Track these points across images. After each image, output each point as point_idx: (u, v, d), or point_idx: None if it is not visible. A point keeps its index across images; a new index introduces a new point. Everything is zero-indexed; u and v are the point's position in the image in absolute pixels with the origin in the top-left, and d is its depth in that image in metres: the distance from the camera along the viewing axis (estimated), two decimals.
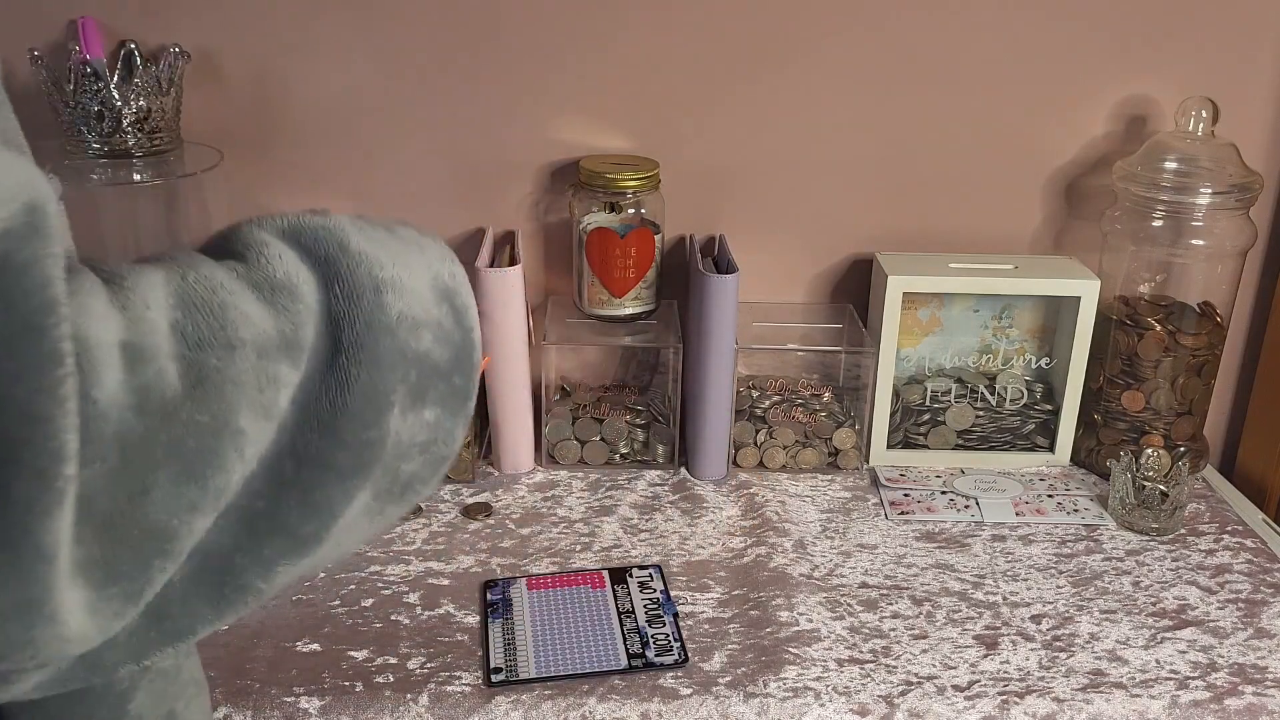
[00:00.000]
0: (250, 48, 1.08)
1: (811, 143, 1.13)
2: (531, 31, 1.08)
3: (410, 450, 0.48)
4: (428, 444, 0.49)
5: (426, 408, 0.48)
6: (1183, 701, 0.79)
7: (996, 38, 1.10)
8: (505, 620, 0.86)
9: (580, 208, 1.08)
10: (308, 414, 0.44)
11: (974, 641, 0.85)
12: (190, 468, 0.39)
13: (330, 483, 0.44)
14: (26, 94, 1.08)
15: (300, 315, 0.43)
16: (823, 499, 1.06)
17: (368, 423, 0.45)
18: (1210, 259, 1.06)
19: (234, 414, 0.40)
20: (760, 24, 1.09)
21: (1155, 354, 1.07)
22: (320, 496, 0.44)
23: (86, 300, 0.37)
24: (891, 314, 1.08)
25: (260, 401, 0.42)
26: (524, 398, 1.07)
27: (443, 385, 0.49)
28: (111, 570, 0.38)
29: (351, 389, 0.44)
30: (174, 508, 0.39)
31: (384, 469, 0.47)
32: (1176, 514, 1.01)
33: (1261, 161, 1.14)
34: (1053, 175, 1.15)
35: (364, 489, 0.46)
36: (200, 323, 0.40)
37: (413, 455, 0.48)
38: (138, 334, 0.38)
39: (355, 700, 0.77)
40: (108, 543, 0.37)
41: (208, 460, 0.40)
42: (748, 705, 0.78)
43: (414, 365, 0.47)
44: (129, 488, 0.38)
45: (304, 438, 0.44)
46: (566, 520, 1.02)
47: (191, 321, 0.40)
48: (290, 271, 0.44)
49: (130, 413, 0.37)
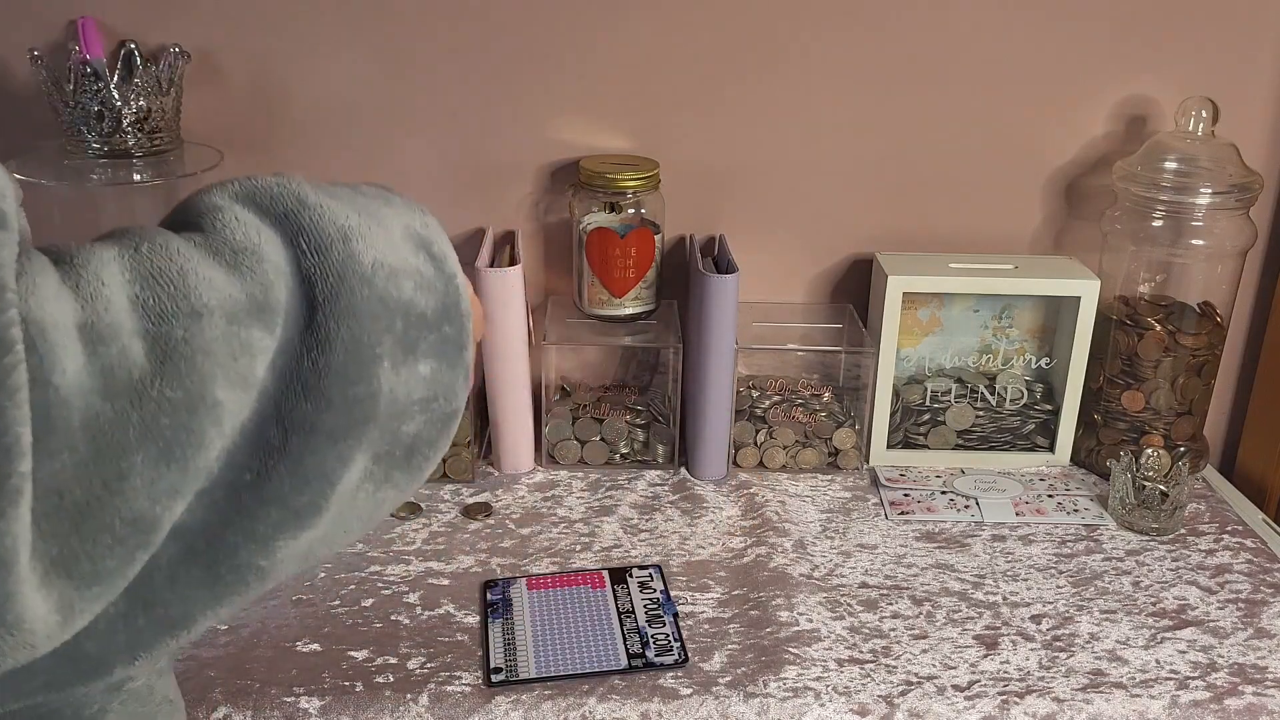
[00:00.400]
0: (250, 48, 1.08)
1: (811, 143, 1.13)
2: (531, 31, 1.08)
3: (409, 409, 0.46)
4: (428, 401, 0.47)
5: (420, 361, 0.46)
6: (1183, 701, 0.79)
7: (996, 38, 1.10)
8: (505, 620, 0.86)
9: (580, 208, 1.08)
10: (290, 378, 0.42)
11: (974, 641, 0.85)
12: (168, 449, 0.37)
13: (321, 448, 0.42)
14: (26, 94, 1.08)
15: (268, 276, 0.41)
16: (823, 499, 1.06)
17: (354, 379, 0.43)
18: (1210, 259, 1.06)
19: (208, 386, 0.38)
20: (760, 24, 1.09)
21: (1155, 354, 1.07)
22: (312, 463, 0.42)
23: (37, 282, 0.35)
24: (891, 314, 1.08)
25: (235, 370, 0.39)
26: (524, 398, 1.07)
27: (433, 336, 0.47)
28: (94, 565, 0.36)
29: (332, 345, 0.42)
30: (154, 493, 0.37)
31: (381, 430, 0.45)
32: (1176, 514, 1.01)
33: (1261, 161, 1.14)
34: (1053, 175, 1.15)
35: (359, 452, 0.44)
36: (161, 294, 0.38)
37: (412, 414, 0.46)
38: (95, 313, 0.36)
39: (355, 700, 0.77)
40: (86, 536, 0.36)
41: (185, 439, 0.38)
42: (748, 705, 0.78)
43: (398, 315, 0.45)
44: (103, 475, 0.36)
45: (288, 403, 0.41)
46: (566, 520, 1.02)
47: (151, 294, 0.38)
48: (250, 233, 0.42)
49: (96, 396, 0.35)
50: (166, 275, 0.39)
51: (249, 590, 0.43)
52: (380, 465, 0.46)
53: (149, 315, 0.38)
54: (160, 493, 0.38)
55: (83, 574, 0.36)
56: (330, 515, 0.44)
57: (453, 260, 0.49)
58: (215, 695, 0.77)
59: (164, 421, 0.37)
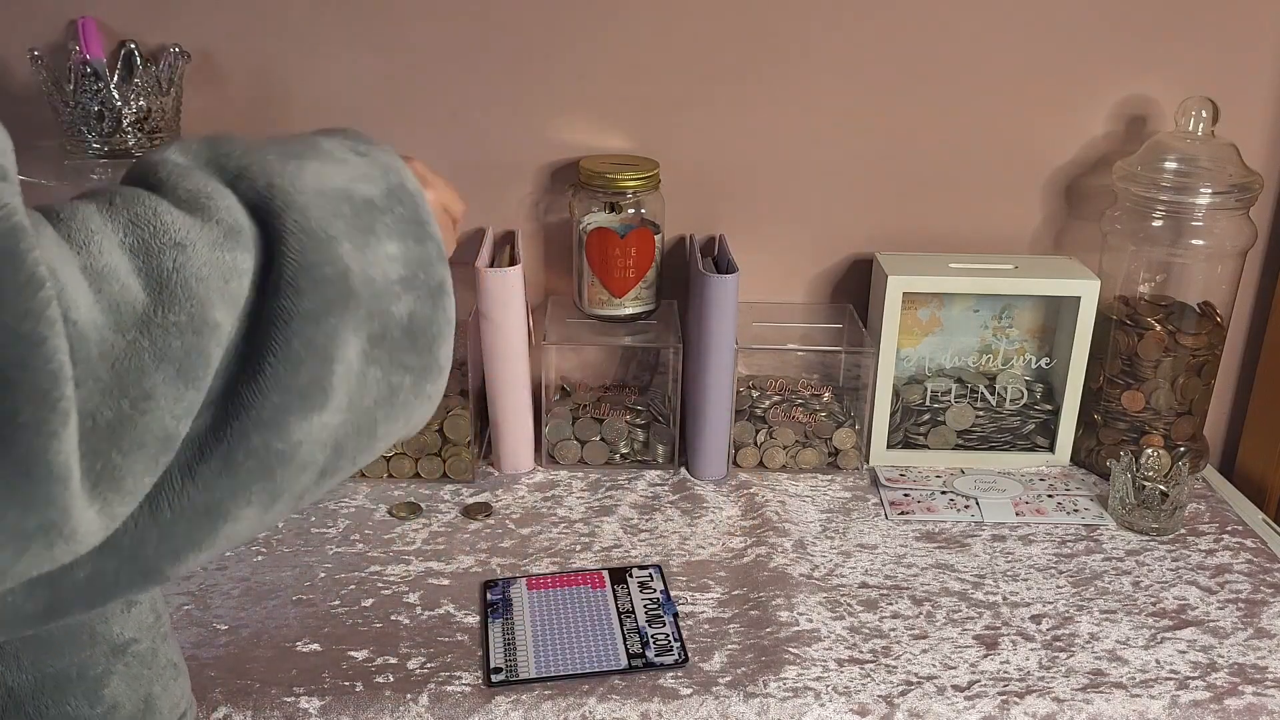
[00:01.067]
0: (250, 48, 1.08)
1: (812, 142, 1.13)
2: (532, 31, 1.08)
3: (389, 288, 0.48)
4: (407, 279, 0.50)
5: (384, 242, 0.49)
6: (1183, 701, 0.79)
7: (996, 38, 1.10)
8: (505, 620, 0.86)
9: (580, 208, 1.08)
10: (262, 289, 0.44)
11: (974, 641, 0.85)
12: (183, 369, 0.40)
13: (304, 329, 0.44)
14: (26, 94, 1.08)
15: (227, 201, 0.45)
16: (823, 499, 1.06)
17: (316, 263, 0.45)
18: (1210, 259, 1.06)
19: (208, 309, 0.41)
20: (761, 24, 1.09)
21: (1155, 354, 1.07)
22: (299, 345, 0.44)
23: (43, 232, 0.38)
24: (891, 314, 1.08)
25: (228, 292, 0.42)
26: (524, 398, 1.07)
27: (388, 217, 0.50)
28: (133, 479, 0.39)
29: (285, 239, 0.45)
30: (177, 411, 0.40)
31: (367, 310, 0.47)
32: (1176, 514, 1.01)
33: (1261, 161, 1.14)
34: (1053, 175, 1.15)
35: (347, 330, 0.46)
36: (143, 234, 0.41)
37: (395, 293, 0.49)
38: (91, 257, 0.39)
39: (355, 700, 0.77)
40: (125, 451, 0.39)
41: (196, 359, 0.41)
42: (748, 705, 0.78)
43: (342, 201, 0.48)
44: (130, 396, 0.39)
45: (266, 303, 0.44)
46: (566, 520, 1.02)
47: (135, 237, 0.41)
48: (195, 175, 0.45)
49: (109, 330, 0.38)
50: (143, 218, 0.42)
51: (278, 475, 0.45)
52: (381, 348, 0.48)
53: (138, 254, 0.41)
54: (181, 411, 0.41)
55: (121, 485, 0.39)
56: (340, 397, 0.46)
57: (383, 149, 0.53)
58: (215, 695, 0.77)
59: (175, 344, 0.40)
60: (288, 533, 0.98)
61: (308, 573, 0.92)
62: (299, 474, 0.45)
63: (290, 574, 0.92)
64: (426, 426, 1.06)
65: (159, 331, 0.40)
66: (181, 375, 0.40)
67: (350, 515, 1.01)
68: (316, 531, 0.98)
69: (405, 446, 1.06)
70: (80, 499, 0.37)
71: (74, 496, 0.37)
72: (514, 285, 1.03)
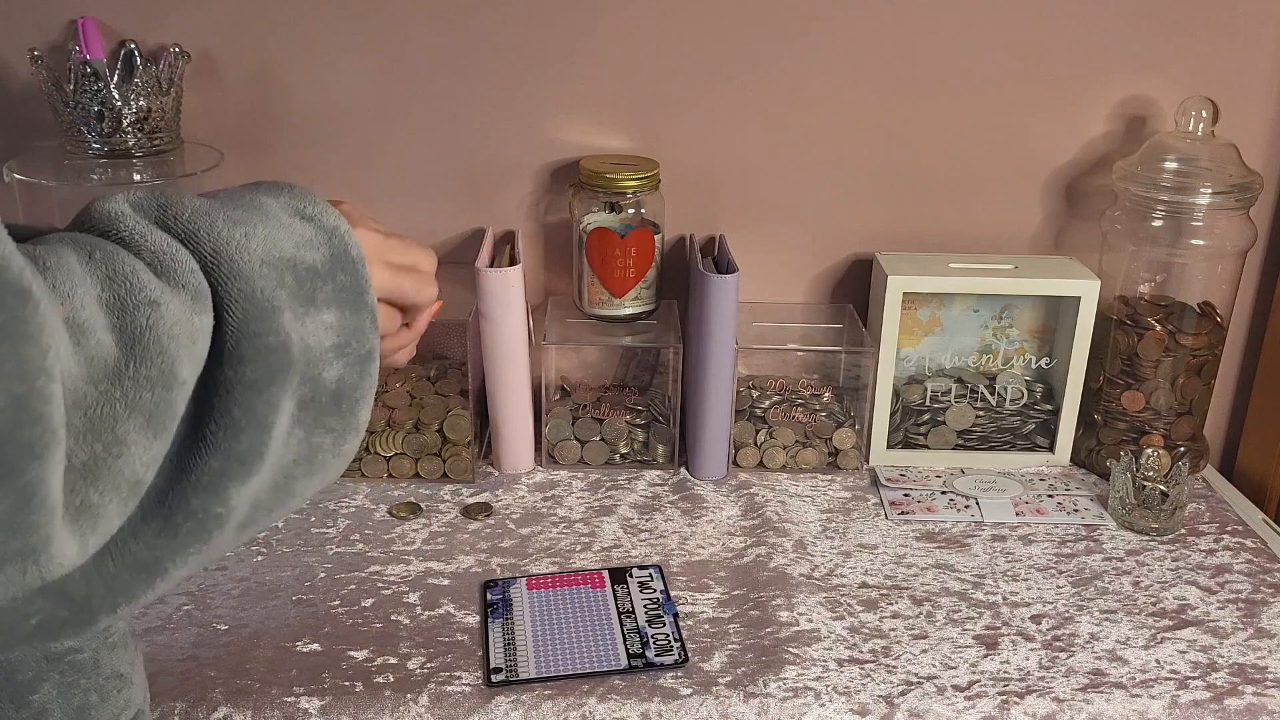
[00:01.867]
0: (250, 48, 1.08)
1: (812, 142, 1.13)
2: (531, 32, 1.08)
3: (323, 356, 0.50)
4: (340, 346, 0.51)
5: (322, 310, 0.50)
6: (1183, 701, 0.79)
7: (996, 37, 1.10)
8: (505, 620, 0.86)
9: (580, 208, 1.08)
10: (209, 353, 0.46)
11: (974, 641, 0.85)
12: (152, 419, 0.42)
13: (246, 398, 0.46)
14: (27, 94, 1.08)
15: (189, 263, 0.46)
16: (823, 499, 1.06)
17: (259, 331, 0.47)
18: (1210, 259, 1.06)
19: (176, 366, 0.43)
20: (760, 24, 1.09)
21: (1155, 354, 1.07)
22: (240, 413, 0.46)
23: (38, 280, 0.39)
24: (891, 314, 1.08)
25: (194, 353, 0.44)
26: (524, 398, 1.07)
27: (329, 286, 0.51)
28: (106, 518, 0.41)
29: (230, 307, 0.46)
30: (145, 459, 0.42)
31: (301, 377, 0.49)
32: (1176, 514, 1.01)
33: (1261, 161, 1.14)
34: (1053, 175, 1.15)
35: (285, 397, 0.48)
36: (120, 292, 0.42)
37: (328, 360, 0.50)
38: (73, 309, 0.41)
39: (355, 700, 0.77)
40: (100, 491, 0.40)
41: (165, 411, 0.42)
42: (748, 705, 0.78)
43: (286, 270, 0.49)
44: (104, 439, 0.40)
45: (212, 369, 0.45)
46: (566, 520, 1.02)
47: (111, 291, 0.42)
48: (154, 234, 0.46)
49: (83, 381, 0.40)
50: (120, 275, 0.43)
51: (214, 537, 0.47)
52: (307, 411, 0.50)
53: (113, 310, 0.42)
54: (149, 460, 0.42)
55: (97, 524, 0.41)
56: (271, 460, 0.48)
57: (331, 215, 0.54)
58: (215, 695, 0.77)
59: (145, 396, 0.42)
60: (288, 533, 0.98)
61: (308, 573, 0.92)
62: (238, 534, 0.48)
63: (290, 574, 0.92)
64: (427, 427, 1.06)
65: (130, 384, 0.41)
66: (150, 426, 0.42)
67: (350, 515, 1.01)
68: (316, 531, 0.98)
69: (405, 446, 1.06)
70: (61, 527, 0.39)
71: (59, 526, 0.38)
72: (514, 285, 1.03)
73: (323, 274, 0.51)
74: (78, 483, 0.39)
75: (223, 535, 0.47)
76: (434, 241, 1.15)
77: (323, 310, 0.50)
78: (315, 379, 0.50)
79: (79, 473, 0.39)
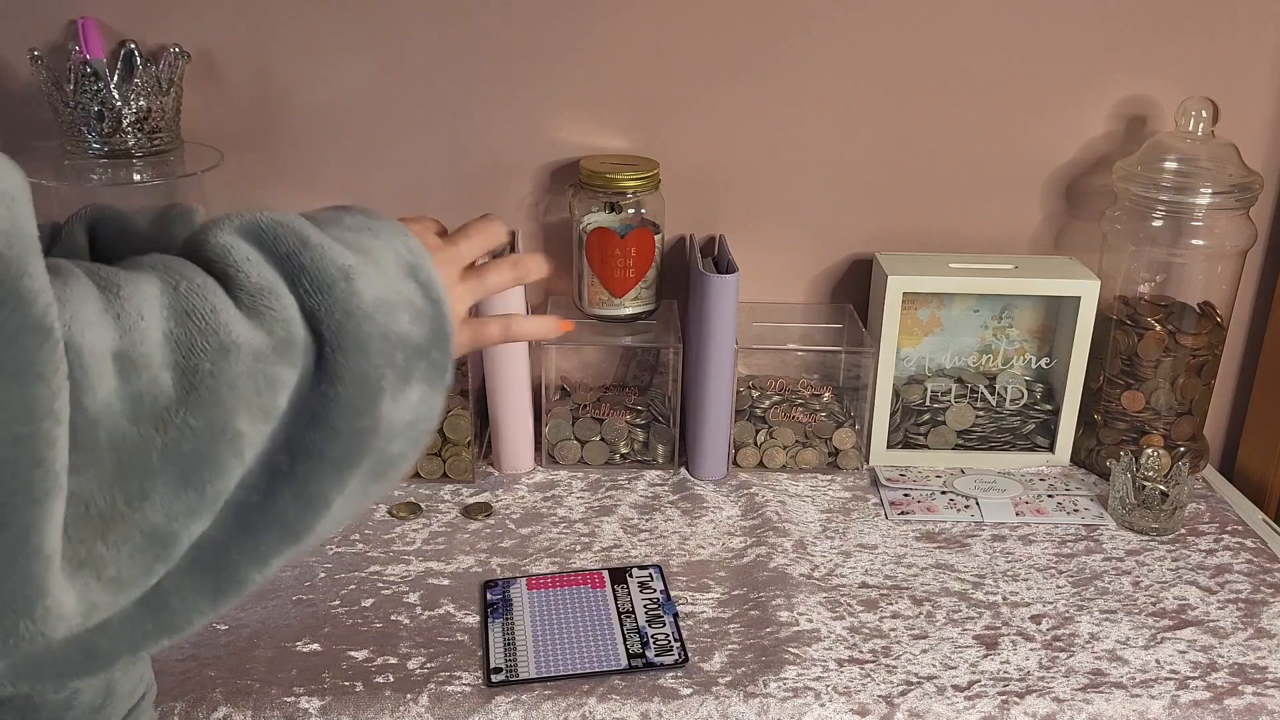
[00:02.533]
0: (250, 48, 1.08)
1: (812, 142, 1.13)
2: (531, 31, 1.08)
3: (398, 432, 0.49)
4: (414, 423, 0.50)
5: (411, 388, 0.49)
6: (1183, 701, 0.79)
7: (996, 37, 1.10)
8: (505, 620, 0.86)
9: (580, 208, 1.08)
10: (300, 408, 0.44)
11: (974, 641, 0.85)
12: (187, 473, 0.40)
13: (326, 474, 0.45)
14: (27, 94, 1.08)
15: (287, 312, 0.44)
16: (823, 499, 1.06)
17: (360, 411, 0.45)
18: (1210, 259, 1.06)
19: (232, 417, 0.41)
20: (760, 24, 1.09)
21: (1155, 354, 1.07)
22: (316, 489, 0.45)
23: (79, 309, 0.38)
24: (891, 314, 1.08)
25: (259, 404, 0.42)
26: (524, 398, 1.07)
27: (424, 363, 0.50)
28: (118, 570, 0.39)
29: (341, 379, 0.45)
30: (173, 512, 0.40)
31: (376, 456, 0.47)
32: (1176, 514, 1.01)
33: (1261, 161, 1.14)
34: (1053, 175, 1.15)
35: (356, 476, 0.47)
36: (193, 329, 0.41)
37: (398, 436, 0.49)
38: (130, 343, 0.39)
39: (355, 700, 0.77)
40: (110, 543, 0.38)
41: (204, 465, 0.40)
42: (748, 705, 0.78)
43: (398, 348, 0.48)
44: (126, 492, 0.38)
45: (298, 431, 0.44)
46: (566, 520, 1.01)
47: (184, 329, 0.41)
48: (263, 272, 0.45)
49: (124, 420, 0.38)
50: (199, 313, 0.41)
51: (239, 599, 0.46)
52: (364, 483, 0.49)
53: (180, 348, 0.40)
54: (178, 512, 0.40)
55: (108, 577, 0.38)
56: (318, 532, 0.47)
57: (439, 283, 0.52)
58: (215, 695, 0.77)
59: (186, 448, 0.40)
60: None
61: (308, 573, 0.92)
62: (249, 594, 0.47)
63: (290, 574, 0.92)
64: None
65: (174, 431, 0.39)
66: (183, 478, 0.40)
67: None
68: None
69: None
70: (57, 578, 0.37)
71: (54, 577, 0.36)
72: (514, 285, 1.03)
73: (422, 350, 0.50)
74: (86, 533, 0.37)
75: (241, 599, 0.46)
76: None
77: (412, 388, 0.49)
78: (383, 452, 0.49)
79: (92, 522, 0.37)
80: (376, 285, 0.48)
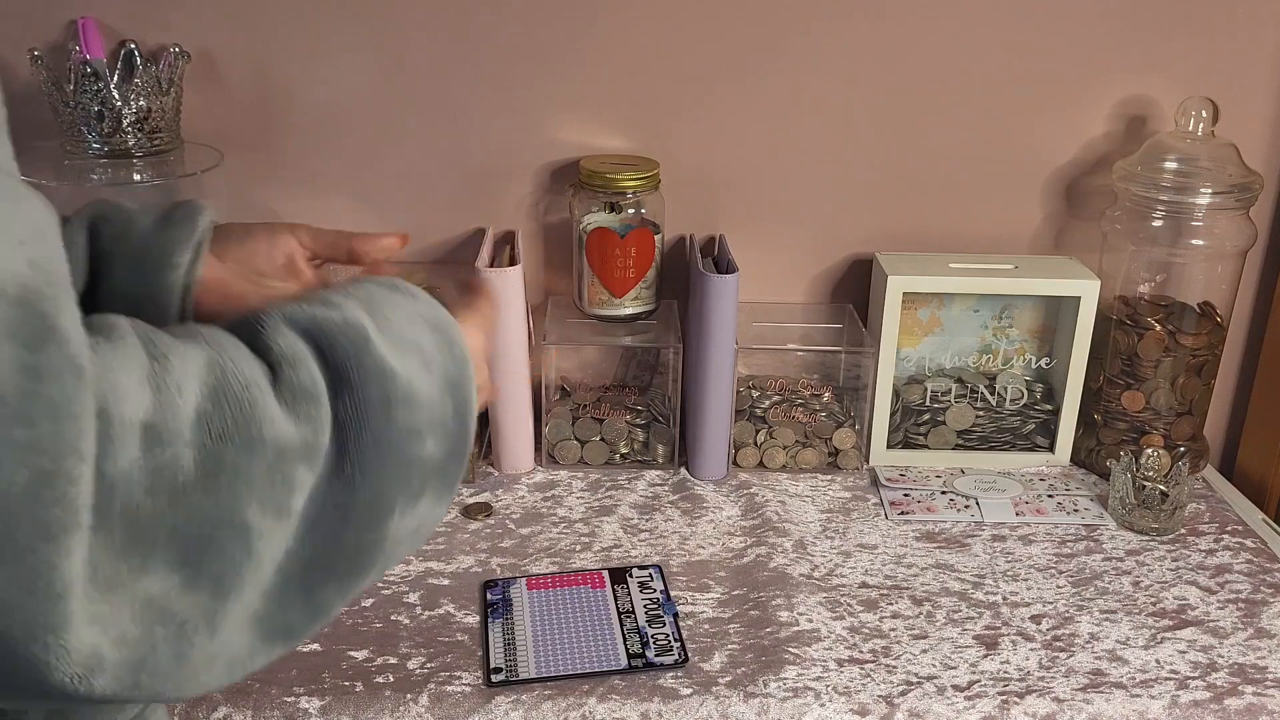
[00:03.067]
0: (250, 48, 1.08)
1: (812, 142, 1.13)
2: (531, 31, 1.08)
3: (403, 540, 0.50)
4: (416, 529, 0.51)
5: (421, 503, 0.50)
6: (1183, 701, 0.79)
7: (996, 37, 1.10)
8: (505, 620, 0.86)
9: (580, 208, 1.08)
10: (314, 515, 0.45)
11: (974, 641, 0.85)
12: (186, 551, 0.40)
13: (331, 584, 0.46)
14: (27, 94, 1.08)
15: (320, 420, 0.44)
16: (823, 499, 1.06)
17: (368, 526, 0.46)
18: (1210, 259, 1.06)
19: (241, 508, 0.41)
20: (760, 24, 1.09)
21: (1155, 354, 1.07)
22: (321, 597, 0.46)
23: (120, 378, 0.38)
24: (891, 314, 1.08)
25: (272, 498, 0.42)
26: (524, 398, 1.07)
27: (437, 480, 0.50)
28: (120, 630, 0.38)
29: (356, 495, 0.46)
30: (165, 585, 0.40)
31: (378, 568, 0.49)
32: (1176, 514, 1.01)
33: (1261, 161, 1.14)
34: (1053, 175, 1.15)
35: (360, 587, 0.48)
36: (227, 416, 0.41)
37: (402, 542, 0.50)
38: (162, 416, 0.39)
39: (355, 700, 0.77)
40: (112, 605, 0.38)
41: (201, 547, 0.40)
42: (748, 705, 0.78)
43: (415, 472, 0.49)
44: (130, 562, 0.38)
45: (311, 537, 0.44)
46: (566, 520, 1.02)
47: (219, 413, 0.41)
48: (315, 376, 0.45)
49: (139, 490, 0.38)
50: (239, 401, 0.41)
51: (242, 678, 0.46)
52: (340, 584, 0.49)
53: (210, 432, 0.40)
54: (171, 586, 0.40)
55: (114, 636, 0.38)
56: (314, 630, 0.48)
57: (473, 403, 0.52)
58: (215, 695, 0.77)
59: (193, 529, 0.40)
60: None
61: None
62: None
63: None
64: None
65: (184, 510, 0.39)
66: (182, 557, 0.40)
67: None
68: None
69: None
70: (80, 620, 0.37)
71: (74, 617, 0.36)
72: (514, 285, 1.03)
73: (436, 469, 0.50)
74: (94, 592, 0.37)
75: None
76: (434, 241, 1.15)
77: (422, 502, 0.50)
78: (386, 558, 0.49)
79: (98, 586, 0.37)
80: (414, 414, 0.48)
